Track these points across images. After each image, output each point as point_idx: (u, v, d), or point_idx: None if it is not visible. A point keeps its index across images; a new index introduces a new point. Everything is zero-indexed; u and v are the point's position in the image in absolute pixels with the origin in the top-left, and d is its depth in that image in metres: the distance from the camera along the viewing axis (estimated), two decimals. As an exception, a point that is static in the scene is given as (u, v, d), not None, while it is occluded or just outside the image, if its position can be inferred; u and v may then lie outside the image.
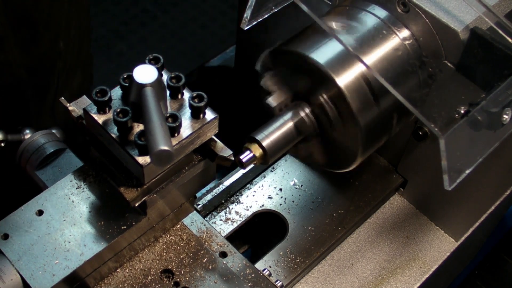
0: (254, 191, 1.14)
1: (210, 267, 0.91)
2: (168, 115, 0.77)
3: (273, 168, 1.18)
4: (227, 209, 1.12)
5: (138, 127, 0.78)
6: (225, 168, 0.94)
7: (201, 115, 0.81)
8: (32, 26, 1.28)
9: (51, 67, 1.38)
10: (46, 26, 1.31)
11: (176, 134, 0.78)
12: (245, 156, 0.86)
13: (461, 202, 1.11)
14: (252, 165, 0.89)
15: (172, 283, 0.90)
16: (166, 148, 0.68)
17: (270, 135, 0.88)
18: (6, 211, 0.86)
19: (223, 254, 0.93)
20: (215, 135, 0.85)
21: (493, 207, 1.16)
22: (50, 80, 1.40)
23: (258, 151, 0.87)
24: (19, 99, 1.32)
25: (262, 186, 1.15)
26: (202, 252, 0.93)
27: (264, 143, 0.87)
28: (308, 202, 1.13)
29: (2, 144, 1.01)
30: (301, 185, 1.15)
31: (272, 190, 1.15)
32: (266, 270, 1.02)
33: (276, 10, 0.90)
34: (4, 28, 1.22)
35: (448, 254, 1.14)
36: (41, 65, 1.35)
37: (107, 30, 3.07)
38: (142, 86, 0.75)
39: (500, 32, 0.84)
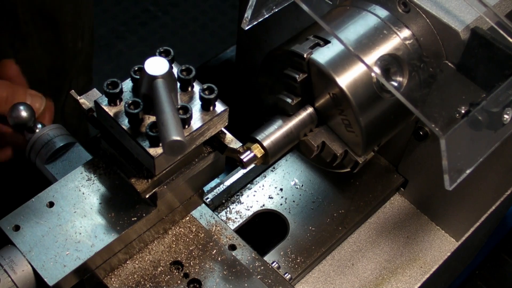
0: (255, 191, 1.14)
1: (219, 259, 0.92)
2: (179, 107, 0.78)
3: (274, 168, 1.18)
4: (228, 209, 1.12)
5: (149, 119, 0.79)
6: (226, 168, 0.94)
7: (211, 107, 0.81)
8: (56, 27, 1.29)
9: (68, 68, 1.39)
10: (69, 28, 1.33)
11: (186, 126, 0.79)
12: (245, 156, 0.87)
13: (461, 202, 1.11)
14: (252, 165, 0.89)
15: (182, 274, 0.90)
16: (179, 138, 0.68)
17: (271, 135, 0.88)
18: (17, 203, 0.86)
19: (232, 247, 0.94)
20: (225, 128, 0.85)
21: (493, 207, 1.16)
22: (65, 81, 1.41)
23: (258, 151, 0.87)
24: None
25: (263, 186, 1.15)
26: (211, 244, 0.93)
27: (265, 143, 0.87)
28: (308, 202, 1.13)
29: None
30: (302, 185, 1.15)
31: (273, 190, 1.15)
32: (275, 262, 1.02)
33: (276, 10, 0.90)
34: (27, 26, 1.22)
35: (448, 254, 1.14)
36: (60, 66, 1.36)
37: (108, 30, 3.07)
38: (153, 78, 0.75)
39: (501, 32, 0.84)
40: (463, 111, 0.81)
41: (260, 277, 0.90)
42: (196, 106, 0.81)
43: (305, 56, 0.85)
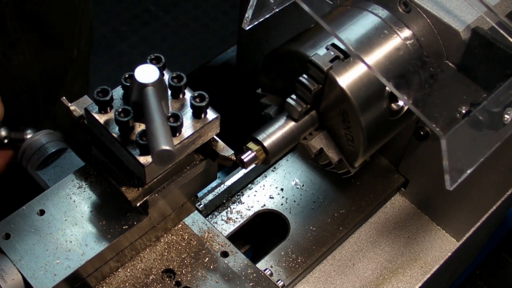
0: (256, 191, 1.14)
1: (211, 266, 0.91)
2: (169, 114, 0.77)
3: (275, 168, 1.18)
4: (229, 209, 1.12)
5: (140, 127, 0.78)
6: (227, 168, 0.94)
7: (203, 115, 0.81)
8: (45, 32, 1.28)
9: (63, 73, 1.39)
10: (61, 33, 1.32)
11: (177, 134, 0.78)
12: (246, 156, 0.87)
13: (462, 202, 1.11)
14: (253, 165, 0.89)
15: (174, 282, 0.90)
16: (167, 147, 0.68)
17: (272, 135, 0.88)
18: (7, 211, 0.86)
19: (225, 254, 0.93)
20: (217, 135, 0.85)
21: (494, 207, 1.16)
22: (60, 87, 1.41)
23: (259, 151, 0.87)
24: (31, 104, 1.32)
25: (264, 186, 1.15)
26: (203, 251, 0.93)
27: (266, 143, 0.87)
28: (309, 202, 1.13)
29: (6, 141, 1.01)
30: (303, 185, 1.15)
31: (274, 190, 1.15)
32: (268, 270, 1.02)
33: (277, 10, 0.90)
34: (16, 32, 1.22)
35: (449, 254, 1.14)
36: (54, 71, 1.36)
37: (109, 29, 3.07)
38: (143, 86, 0.75)
39: (502, 32, 0.84)
40: (463, 111, 0.81)
41: (253, 285, 0.90)
42: (187, 114, 0.81)
43: (325, 70, 0.84)
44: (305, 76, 0.86)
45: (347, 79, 0.85)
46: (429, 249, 1.14)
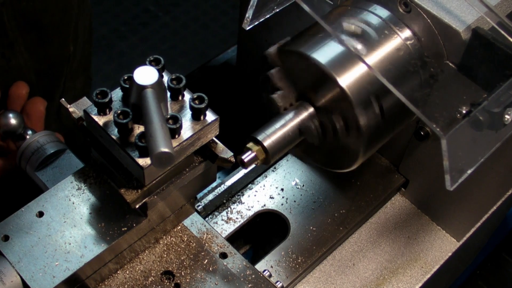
0: (256, 191, 1.14)
1: (210, 268, 0.91)
2: (168, 116, 0.77)
3: (275, 168, 1.18)
4: (229, 209, 1.12)
5: (139, 129, 0.78)
6: (227, 168, 0.94)
7: (202, 117, 0.81)
8: (41, 30, 1.29)
9: (59, 70, 1.39)
10: (56, 30, 1.32)
11: (176, 136, 0.78)
12: (246, 156, 0.87)
13: (462, 202, 1.11)
14: (253, 165, 0.89)
15: (173, 284, 0.90)
16: (166, 150, 0.68)
17: (272, 135, 0.88)
18: (6, 213, 0.86)
19: (223, 255, 0.93)
20: (216, 137, 0.85)
21: (495, 207, 1.16)
22: (57, 83, 1.40)
23: (259, 151, 0.87)
24: None
25: (264, 186, 1.15)
26: (202, 253, 0.93)
27: (266, 143, 0.87)
28: (309, 202, 1.13)
29: (20, 130, 1.02)
30: (303, 185, 1.15)
31: (274, 190, 1.15)
32: (267, 271, 1.02)
33: (278, 10, 0.90)
34: (13, 32, 1.22)
35: (449, 254, 1.14)
36: (50, 68, 1.36)
37: (108, 30, 3.07)
38: (142, 87, 0.74)
39: (502, 32, 0.84)
40: (464, 111, 0.81)
41: (251, 286, 0.90)
42: (186, 116, 0.80)
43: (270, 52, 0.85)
44: (328, 99, 0.87)
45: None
46: (429, 249, 1.14)
